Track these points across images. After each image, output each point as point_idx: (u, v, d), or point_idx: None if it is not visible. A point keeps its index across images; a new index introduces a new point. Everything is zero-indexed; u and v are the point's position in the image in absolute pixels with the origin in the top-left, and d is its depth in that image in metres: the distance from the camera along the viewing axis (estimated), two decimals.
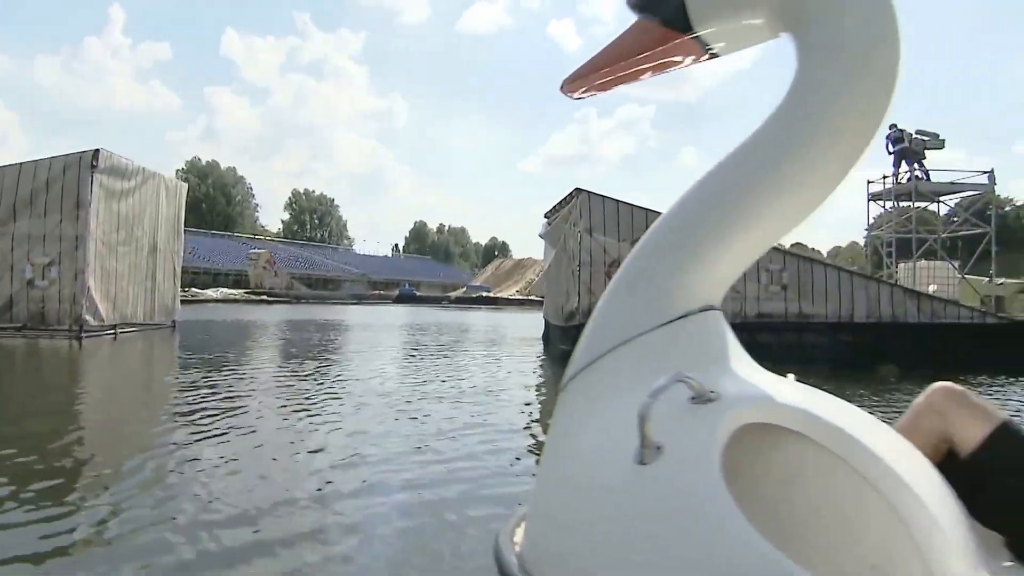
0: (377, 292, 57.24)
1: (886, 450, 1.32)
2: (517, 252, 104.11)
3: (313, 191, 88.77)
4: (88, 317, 11.28)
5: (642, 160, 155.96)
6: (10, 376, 7.89)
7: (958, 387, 1.54)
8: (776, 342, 11.70)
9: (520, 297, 51.00)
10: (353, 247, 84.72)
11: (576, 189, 12.09)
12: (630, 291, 1.64)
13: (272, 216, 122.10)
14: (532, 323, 14.80)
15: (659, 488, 1.27)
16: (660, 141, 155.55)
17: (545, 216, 15.32)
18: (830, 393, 1.51)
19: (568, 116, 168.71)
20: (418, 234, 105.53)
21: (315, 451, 3.97)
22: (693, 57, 1.70)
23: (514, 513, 1.61)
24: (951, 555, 1.22)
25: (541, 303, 18.31)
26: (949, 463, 1.46)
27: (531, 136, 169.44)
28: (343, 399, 5.91)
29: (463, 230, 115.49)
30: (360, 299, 48.83)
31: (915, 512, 1.23)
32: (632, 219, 11.80)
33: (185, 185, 15.50)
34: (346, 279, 64.83)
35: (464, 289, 60.30)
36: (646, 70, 1.72)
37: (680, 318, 1.56)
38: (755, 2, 1.53)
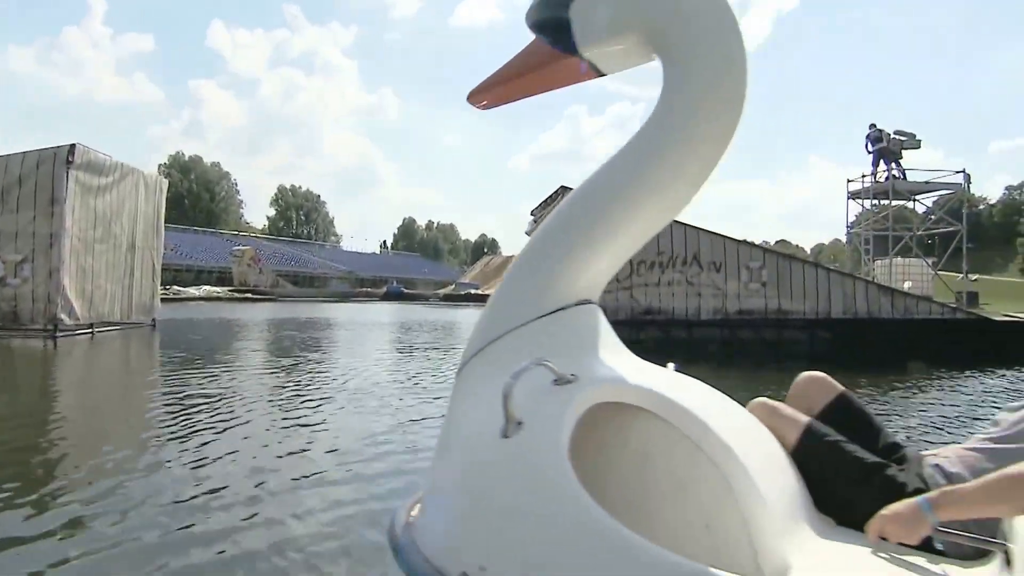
0: (364, 290, 56.93)
1: (725, 427, 1.50)
2: (506, 249, 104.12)
3: (300, 187, 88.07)
4: (63, 316, 11.00)
5: None
6: None
7: (770, 402, 1.81)
8: (756, 338, 11.72)
9: None
10: (340, 244, 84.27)
11: (561, 187, 12.03)
12: (515, 285, 1.82)
13: (257, 213, 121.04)
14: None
15: (516, 459, 1.41)
16: None
17: (532, 213, 15.28)
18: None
19: (558, 114, 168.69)
20: (406, 231, 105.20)
21: (289, 452, 3.85)
22: (582, 75, 1.89)
23: (417, 491, 1.71)
24: (769, 517, 1.40)
25: None
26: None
27: (521, 133, 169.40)
28: (319, 400, 5.79)
29: (452, 227, 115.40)
30: (346, 297, 48.53)
31: (740, 480, 1.43)
32: None
33: (166, 181, 15.20)
34: (333, 276, 64.41)
35: (453, 286, 60.11)
36: (541, 85, 1.93)
37: (558, 310, 1.74)
38: (627, 30, 1.74)
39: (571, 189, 7.77)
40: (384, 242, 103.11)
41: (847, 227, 23.59)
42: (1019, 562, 1.17)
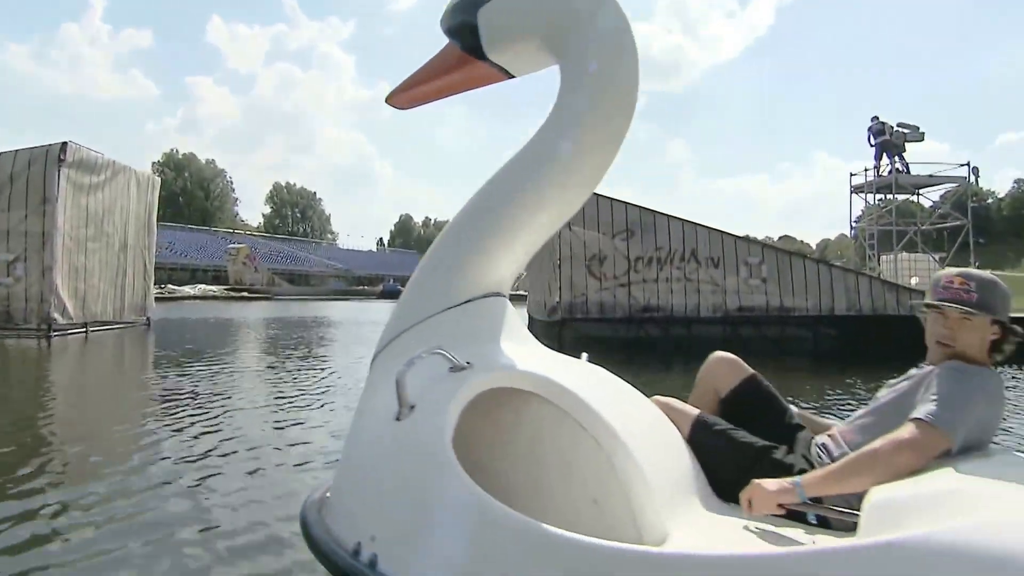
0: (361, 288, 56.93)
1: (613, 411, 1.64)
2: None
3: (295, 184, 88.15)
4: (56, 315, 11.09)
5: (631, 153, 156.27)
6: None
7: (664, 399, 2.01)
8: (758, 336, 11.79)
9: (510, 292, 50.94)
10: (336, 242, 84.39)
11: None
12: (425, 279, 1.97)
13: (252, 210, 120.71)
14: (521, 318, 14.88)
15: (404, 440, 1.54)
16: (649, 133, 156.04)
17: None
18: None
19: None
20: (403, 228, 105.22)
21: (291, 449, 3.93)
22: (492, 77, 2.04)
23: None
24: (651, 493, 1.54)
25: (522, 298, 18.31)
26: None
27: (520, 127, 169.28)
28: (312, 399, 5.86)
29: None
30: (342, 295, 48.57)
31: (623, 458, 1.57)
32: (612, 213, 11.81)
33: (158, 179, 15.28)
34: (329, 275, 64.46)
35: None
36: (454, 88, 2.07)
37: (465, 302, 1.89)
38: (527, 36, 1.89)
39: None
40: (380, 239, 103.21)
41: (851, 222, 23.63)
42: (862, 529, 1.28)
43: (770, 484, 1.54)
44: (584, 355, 2.11)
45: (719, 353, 2.10)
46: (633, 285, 11.77)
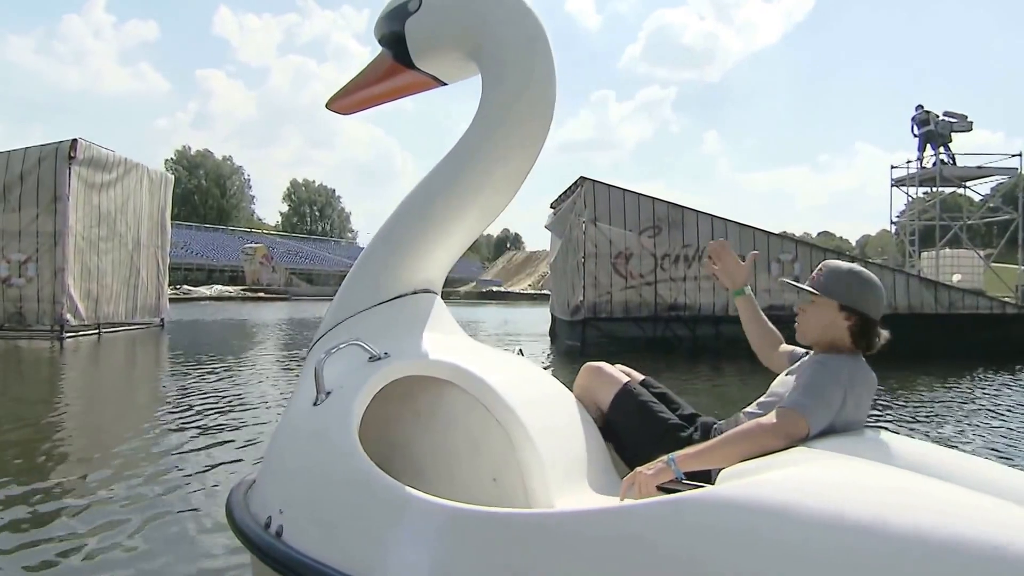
0: None
1: (519, 397, 1.82)
2: (530, 244, 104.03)
3: (313, 181, 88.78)
4: (68, 316, 11.27)
5: (662, 146, 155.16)
6: None
7: (596, 364, 2.17)
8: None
9: (532, 292, 50.95)
10: (356, 240, 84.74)
11: (580, 178, 11.98)
12: (358, 277, 2.18)
13: (269, 208, 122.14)
14: (543, 318, 14.78)
15: (316, 423, 1.73)
16: (682, 125, 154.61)
17: (551, 206, 15.21)
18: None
19: (583, 100, 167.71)
20: None
21: None
22: (424, 85, 2.24)
23: None
24: (544, 470, 1.72)
25: (546, 296, 18.24)
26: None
27: None
28: None
29: None
30: None
31: (521, 439, 1.75)
32: (639, 208, 11.69)
33: (172, 177, 15.49)
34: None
35: (474, 284, 60.32)
36: (389, 94, 2.27)
37: (396, 298, 2.12)
38: (449, 45, 2.10)
39: (590, 180, 7.95)
40: None
41: (892, 217, 23.14)
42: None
43: (647, 467, 1.65)
44: (518, 348, 2.37)
45: (588, 365, 2.19)
46: (660, 283, 11.64)
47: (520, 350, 2.35)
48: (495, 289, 52.99)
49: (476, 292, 52.32)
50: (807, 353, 1.92)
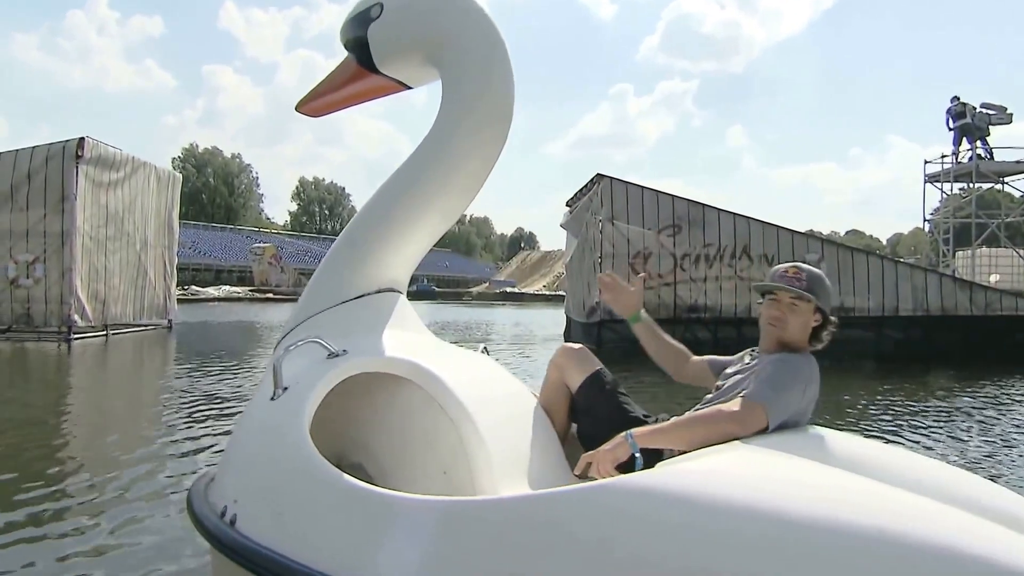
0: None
1: (472, 393, 1.93)
2: (545, 244, 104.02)
3: (323, 179, 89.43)
4: (76, 318, 11.50)
5: (684, 141, 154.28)
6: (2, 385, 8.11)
7: (575, 346, 2.28)
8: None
9: (547, 292, 51.00)
10: None
11: (597, 175, 12.04)
12: (324, 275, 2.33)
13: (278, 207, 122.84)
14: (558, 320, 14.78)
15: (271, 417, 1.85)
16: (704, 119, 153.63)
17: (567, 204, 15.27)
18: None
19: (601, 94, 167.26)
20: None
21: None
22: (389, 88, 2.38)
23: None
24: (491, 462, 1.81)
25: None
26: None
27: (559, 116, 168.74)
28: None
29: (486, 220, 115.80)
30: None
31: (469, 434, 1.86)
32: (658, 206, 11.73)
33: (179, 175, 15.72)
34: None
35: (487, 284, 60.43)
36: (354, 98, 2.42)
37: (358, 297, 2.26)
38: (410, 51, 2.25)
39: (608, 177, 8.05)
40: None
41: (926, 215, 22.91)
42: None
43: (606, 445, 1.77)
44: (481, 346, 2.51)
45: (565, 346, 2.32)
46: (679, 284, 11.68)
47: (485, 348, 2.49)
48: (508, 290, 53.07)
49: (490, 293, 52.42)
50: (730, 361, 2.12)
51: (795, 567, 1.16)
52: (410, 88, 2.41)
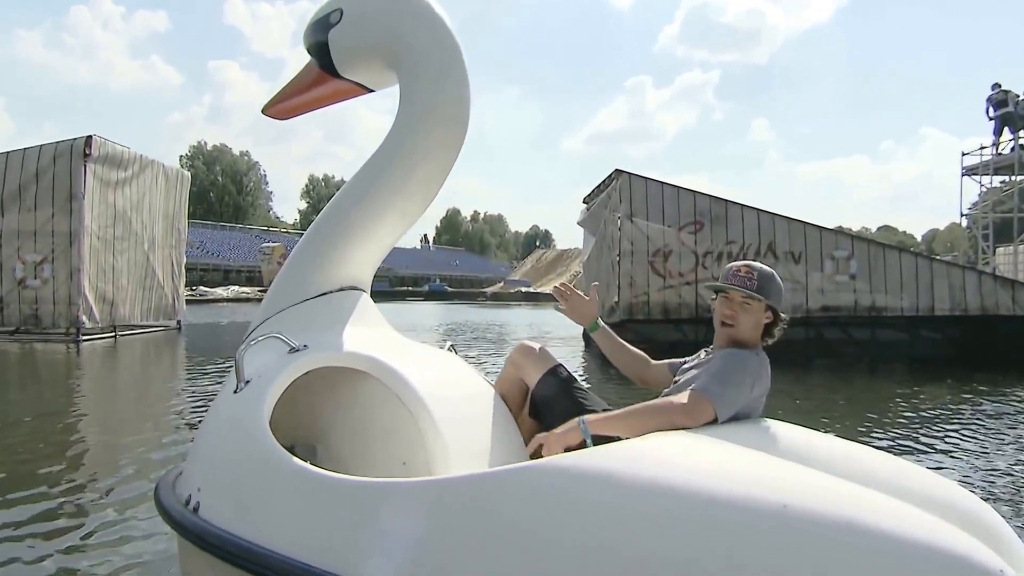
0: (405, 289, 57.78)
1: (430, 388, 2.09)
2: (561, 242, 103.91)
3: (332, 176, 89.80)
4: (84, 319, 11.71)
5: (705, 135, 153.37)
6: (4, 389, 8.28)
7: (533, 344, 2.43)
8: (845, 339, 11.50)
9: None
10: None
11: (616, 170, 12.06)
12: (289, 274, 2.49)
13: (287, 206, 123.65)
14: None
15: (233, 409, 2.00)
16: (726, 112, 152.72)
17: (584, 201, 15.30)
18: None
19: (618, 87, 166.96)
20: (450, 223, 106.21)
21: None
22: (351, 92, 2.55)
23: None
24: (446, 452, 1.97)
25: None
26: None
27: (575, 111, 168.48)
28: None
29: (500, 218, 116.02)
30: (384, 297, 49.36)
31: (426, 424, 2.02)
32: (679, 202, 11.71)
33: (188, 174, 15.95)
34: None
35: (502, 284, 60.48)
36: (317, 102, 2.59)
37: (322, 295, 2.43)
38: (370, 59, 2.42)
39: (626, 172, 8.13)
40: (424, 236, 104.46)
41: (963, 209, 22.62)
42: None
43: (558, 428, 1.92)
44: (448, 343, 2.68)
45: (522, 344, 2.48)
46: (701, 283, 11.66)
47: (452, 346, 2.66)
48: (524, 290, 53.05)
49: (504, 293, 52.48)
50: (687, 360, 2.25)
51: (709, 544, 1.29)
52: (372, 91, 2.59)
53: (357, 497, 1.60)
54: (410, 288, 58.47)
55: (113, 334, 12.62)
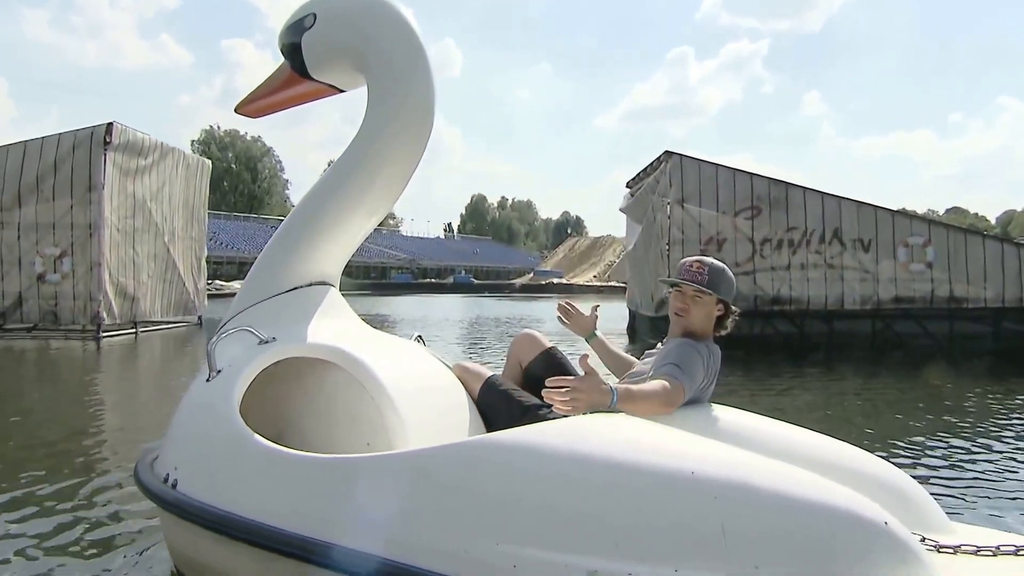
0: (429, 280, 57.95)
1: (393, 375, 2.41)
2: (594, 229, 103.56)
3: None
4: (103, 314, 11.85)
5: (752, 110, 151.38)
6: (27, 389, 8.39)
7: (463, 363, 2.83)
8: (920, 332, 11.25)
9: (598, 283, 50.75)
10: (400, 228, 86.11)
11: (665, 152, 11.90)
12: (260, 269, 2.78)
13: (303, 193, 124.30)
14: (614, 313, 14.49)
15: (206, 396, 2.35)
16: (776, 85, 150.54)
17: (627, 186, 15.16)
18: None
19: (657, 59, 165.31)
20: (475, 211, 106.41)
21: None
22: (322, 92, 2.86)
23: None
24: (407, 435, 2.28)
25: (623, 289, 18.20)
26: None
27: (610, 86, 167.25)
28: None
29: (529, 204, 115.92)
30: (408, 289, 49.58)
31: (387, 408, 2.35)
32: (735, 186, 11.52)
33: (208, 162, 16.07)
34: (392, 266, 66.12)
35: (531, 276, 60.46)
36: (289, 101, 2.90)
37: (291, 290, 2.71)
38: (341, 61, 2.72)
39: (677, 154, 8.08)
40: (449, 225, 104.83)
41: None
42: None
43: (597, 392, 1.99)
44: (416, 334, 3.02)
45: (525, 331, 2.92)
46: (759, 273, 11.49)
47: (419, 336, 3.00)
48: (555, 281, 53.03)
49: (535, 285, 52.44)
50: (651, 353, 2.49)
51: (628, 505, 1.58)
52: (342, 92, 2.88)
53: (310, 471, 1.94)
54: (433, 280, 58.62)
55: (133, 331, 12.76)
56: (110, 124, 11.97)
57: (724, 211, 11.48)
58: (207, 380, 2.37)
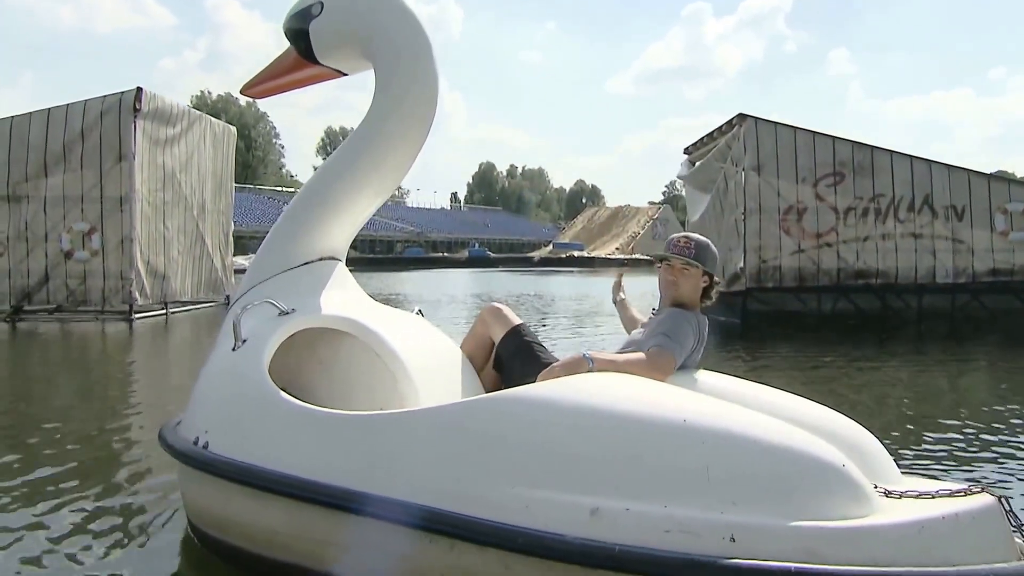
0: (441, 255, 57.88)
1: (404, 345, 2.81)
2: (611, 198, 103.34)
3: (351, 128, 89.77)
4: (135, 294, 11.86)
5: (774, 70, 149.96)
6: (58, 376, 8.41)
7: (497, 305, 3.28)
8: (1018, 308, 11.19)
9: (622, 256, 50.71)
10: (405, 199, 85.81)
11: (738, 115, 11.79)
12: (272, 245, 3.14)
13: (301, 163, 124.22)
14: (644, 289, 13.93)
15: (234, 363, 2.69)
16: (800, 43, 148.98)
17: (685, 151, 15.07)
18: None
19: (672, 16, 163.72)
20: (483, 179, 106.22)
21: None
22: (326, 76, 3.21)
23: None
24: (417, 399, 2.66)
25: (649, 263, 18.14)
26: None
27: (622, 46, 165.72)
28: None
29: (540, 172, 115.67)
30: (419, 264, 49.55)
31: (400, 374, 2.75)
32: (815, 150, 11.44)
33: (234, 129, 16.00)
34: (398, 239, 66.10)
35: (550, 248, 60.42)
36: (295, 84, 3.26)
37: (303, 264, 3.07)
38: (348, 48, 3.06)
39: (752, 117, 8.26)
40: (455, 195, 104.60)
41: None
42: None
43: (561, 360, 2.57)
44: (416, 308, 3.45)
45: (490, 305, 3.30)
46: (842, 244, 11.46)
47: (419, 310, 3.40)
48: (576, 254, 52.97)
49: (555, 258, 52.39)
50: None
51: (628, 449, 1.94)
52: (346, 75, 3.21)
53: (339, 427, 2.29)
54: (445, 255, 58.57)
55: (164, 311, 12.80)
56: (139, 89, 11.90)
57: (804, 179, 11.43)
58: (232, 349, 2.71)
